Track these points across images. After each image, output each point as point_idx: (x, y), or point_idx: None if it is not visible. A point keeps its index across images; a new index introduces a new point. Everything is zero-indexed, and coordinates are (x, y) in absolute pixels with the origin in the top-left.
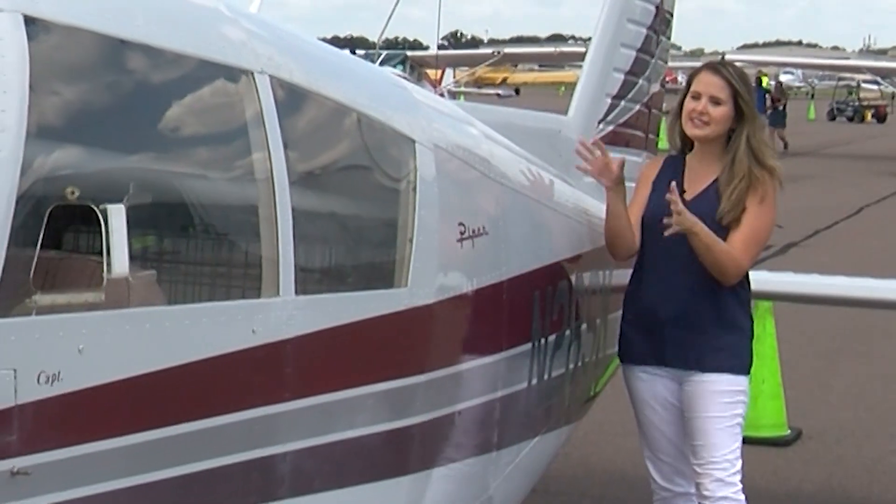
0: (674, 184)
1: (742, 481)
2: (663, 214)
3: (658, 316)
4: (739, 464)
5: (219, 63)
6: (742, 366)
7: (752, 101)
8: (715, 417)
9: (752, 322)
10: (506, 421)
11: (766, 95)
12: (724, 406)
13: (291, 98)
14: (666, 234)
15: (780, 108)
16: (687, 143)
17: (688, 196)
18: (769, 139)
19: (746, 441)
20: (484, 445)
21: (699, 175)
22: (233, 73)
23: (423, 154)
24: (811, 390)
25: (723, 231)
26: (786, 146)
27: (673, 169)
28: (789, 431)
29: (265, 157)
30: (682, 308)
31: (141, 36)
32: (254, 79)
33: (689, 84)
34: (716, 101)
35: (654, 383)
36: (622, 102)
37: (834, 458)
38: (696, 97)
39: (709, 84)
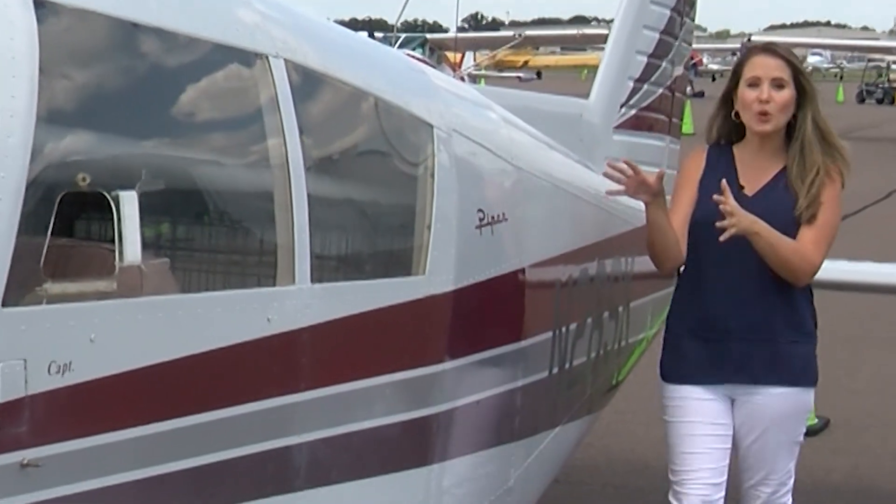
0: (724, 182)
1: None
2: (715, 216)
3: (722, 328)
4: (792, 481)
5: (233, 47)
6: (812, 378)
7: (810, 76)
8: (779, 436)
9: (817, 327)
10: (526, 411)
11: None
12: (790, 424)
13: (307, 82)
14: (722, 238)
15: None
16: (734, 132)
17: (748, 192)
18: None
19: None
20: (504, 435)
21: (758, 167)
22: (247, 57)
23: (441, 139)
24: (837, 378)
25: (794, 228)
26: None
27: (722, 163)
28: (817, 420)
29: (280, 143)
30: (751, 317)
31: (154, 19)
32: (268, 62)
33: (736, 73)
34: (779, 85)
35: (710, 403)
36: (645, 86)
37: (861, 447)
38: (755, 84)
39: (767, 66)
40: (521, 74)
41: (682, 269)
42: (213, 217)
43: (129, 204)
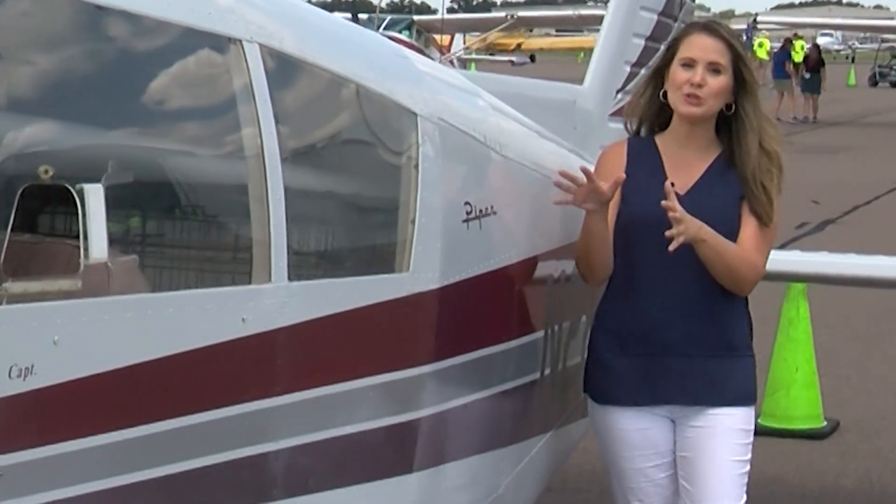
0: (668, 184)
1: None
2: (649, 217)
3: (656, 342)
4: None
5: (204, 31)
6: (753, 396)
7: (752, 66)
8: (726, 461)
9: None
10: (517, 414)
11: (787, 61)
12: (736, 448)
13: (283, 68)
14: (671, 248)
15: (814, 73)
16: (657, 119)
17: (679, 190)
18: (807, 108)
19: (779, 434)
20: (493, 441)
21: (686, 161)
22: (219, 42)
23: (426, 128)
24: (848, 378)
25: (730, 229)
26: (814, 118)
27: (645, 157)
28: (825, 423)
29: (255, 133)
30: (687, 329)
31: (119, 1)
32: (242, 48)
33: (671, 49)
34: (715, 69)
35: (648, 426)
36: (642, 70)
37: (873, 450)
38: (689, 65)
39: (704, 47)
40: (513, 58)
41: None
42: (185, 211)
43: (94, 197)
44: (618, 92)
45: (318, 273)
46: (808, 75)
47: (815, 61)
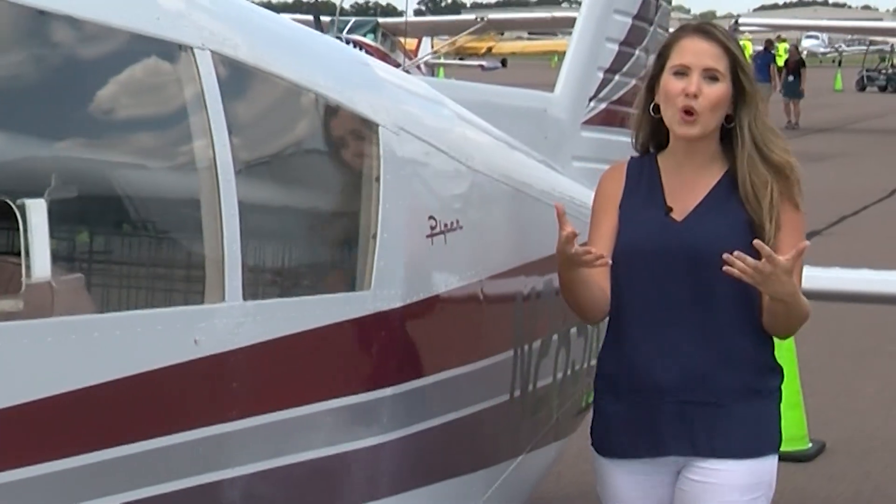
0: (758, 244)
1: None
2: (643, 246)
3: (649, 385)
4: None
5: (153, 37)
6: (772, 443)
7: (752, 72)
8: None
9: (782, 374)
10: (485, 438)
11: (772, 64)
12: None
13: (237, 77)
14: (725, 269)
15: (795, 76)
16: (655, 135)
17: (677, 216)
18: (788, 112)
19: None
20: (461, 466)
21: (686, 183)
22: (169, 49)
23: (387, 139)
24: (835, 397)
25: (729, 251)
26: (797, 123)
27: (645, 180)
28: (811, 445)
29: (207, 144)
30: (684, 371)
31: (63, 6)
32: (194, 55)
33: (662, 56)
34: (711, 76)
35: (646, 481)
36: (616, 77)
37: (862, 473)
38: (683, 73)
39: (699, 53)
40: (484, 63)
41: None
42: (133, 227)
43: (37, 213)
44: (590, 100)
45: (275, 292)
46: (790, 78)
47: (796, 63)
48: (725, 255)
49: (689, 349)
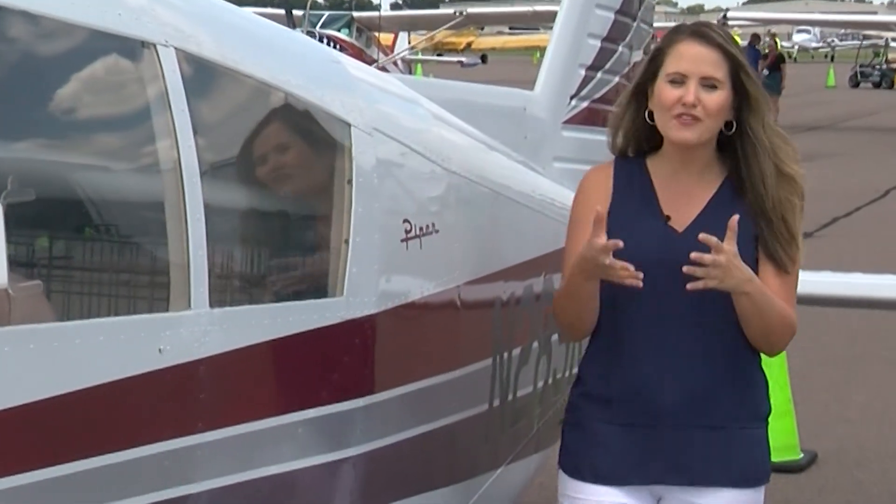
0: (734, 220)
1: None
2: (642, 258)
3: (648, 408)
4: None
5: (114, 34)
6: (767, 473)
7: (755, 75)
8: None
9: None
10: (463, 450)
11: (760, 60)
12: None
13: (202, 75)
14: (690, 287)
15: (773, 71)
16: (645, 139)
17: (678, 226)
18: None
19: None
20: (437, 479)
21: (684, 191)
22: (131, 46)
23: (360, 140)
24: (827, 405)
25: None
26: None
27: (636, 185)
28: (802, 455)
29: (171, 145)
30: (691, 394)
31: (18, 1)
32: (157, 52)
33: (655, 60)
34: (710, 84)
35: None
36: (599, 74)
37: (854, 484)
38: (679, 81)
39: (697, 59)
40: (463, 59)
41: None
42: (95, 232)
43: None
44: (572, 98)
45: (243, 298)
46: (766, 72)
47: (776, 57)
48: (686, 268)
49: (693, 370)
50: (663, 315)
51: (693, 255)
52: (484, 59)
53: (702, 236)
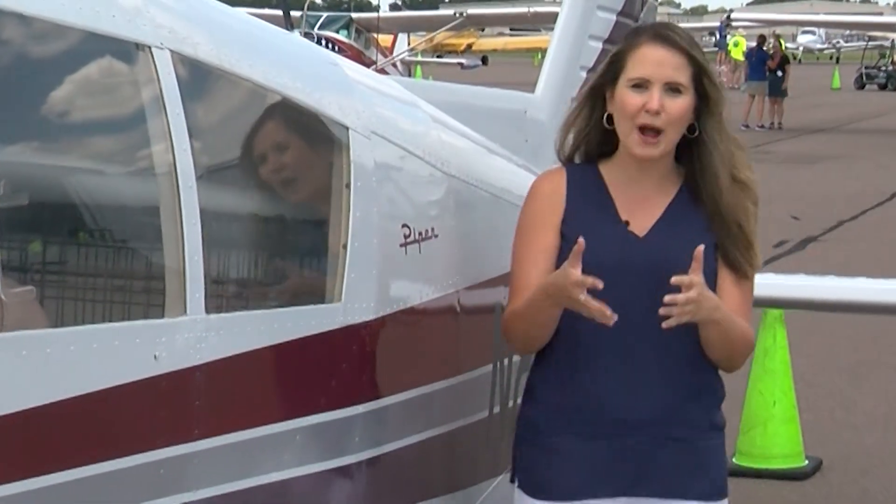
0: (699, 250)
1: None
2: (601, 267)
3: (618, 419)
4: None
5: (108, 36)
6: (726, 485)
7: (717, 78)
8: None
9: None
10: (463, 457)
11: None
12: None
13: (198, 78)
14: (665, 325)
15: (779, 71)
16: (596, 144)
17: (637, 231)
18: (772, 113)
19: (756, 474)
20: (437, 487)
21: (642, 195)
22: (126, 48)
23: (358, 143)
24: (832, 411)
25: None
26: (780, 124)
27: (591, 192)
28: (807, 462)
29: (166, 149)
30: (658, 404)
31: (9, 2)
32: (152, 55)
33: (616, 63)
34: (674, 89)
35: None
36: None
37: (860, 492)
38: (642, 86)
39: (660, 63)
40: (463, 60)
41: None
42: (89, 237)
43: None
44: (573, 100)
45: (239, 304)
46: (778, 73)
47: (781, 59)
48: (662, 310)
49: (658, 379)
50: (627, 323)
51: (667, 297)
52: (484, 60)
53: (675, 279)
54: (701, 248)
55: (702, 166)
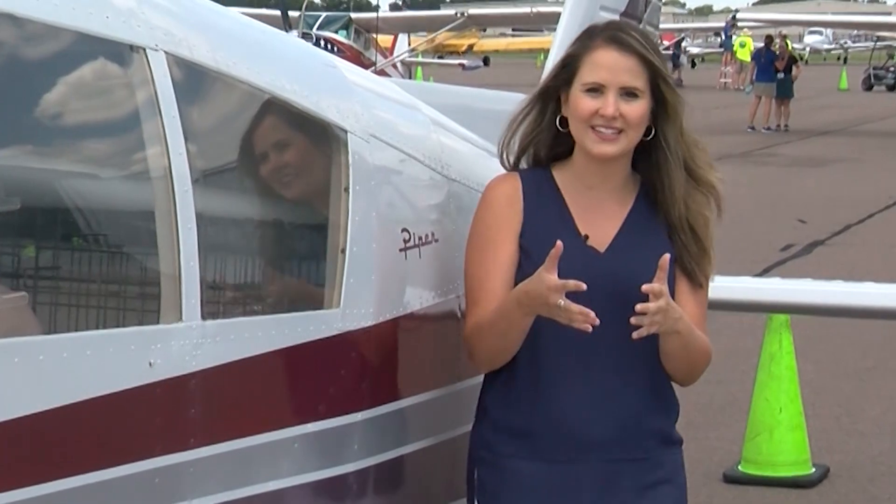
0: (665, 258)
1: None
2: (564, 277)
3: (581, 440)
4: None
5: (102, 37)
6: (687, 501)
7: (673, 81)
8: None
9: None
10: (464, 465)
11: (776, 62)
12: None
13: (193, 80)
14: (635, 335)
15: (786, 73)
16: (545, 153)
17: (598, 245)
18: (779, 114)
19: (761, 482)
20: (437, 496)
21: (598, 205)
22: (120, 50)
23: (357, 147)
24: (838, 418)
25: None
26: (787, 126)
27: (547, 199)
28: (813, 469)
29: (162, 152)
30: (615, 423)
31: (3, 2)
32: (146, 56)
33: (569, 66)
34: (630, 93)
35: None
36: None
37: (867, 499)
38: (597, 90)
39: (615, 67)
40: (464, 61)
41: None
42: (82, 242)
43: None
44: None
45: (236, 310)
46: (781, 76)
47: (788, 59)
48: (634, 319)
49: (619, 398)
50: (585, 340)
51: (638, 306)
52: (486, 61)
53: (645, 287)
54: (667, 256)
55: (659, 172)
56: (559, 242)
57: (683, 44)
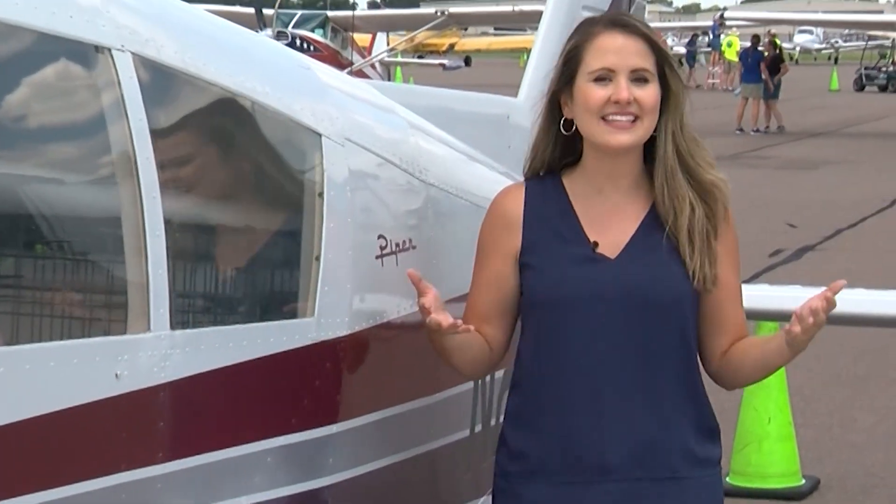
0: (840, 283)
1: None
2: (573, 294)
3: (598, 463)
4: None
5: (65, 37)
6: None
7: (678, 68)
8: None
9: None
10: (443, 478)
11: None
12: None
13: (161, 82)
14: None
15: (772, 74)
16: (557, 160)
17: (609, 253)
18: (769, 116)
19: (750, 494)
20: None
21: (610, 211)
22: (84, 51)
23: (331, 151)
24: (829, 428)
25: (685, 302)
26: (780, 126)
27: (553, 209)
28: (804, 481)
29: (128, 157)
30: (634, 445)
31: None
32: (112, 57)
33: (572, 59)
34: (641, 78)
35: None
36: None
37: None
38: (606, 78)
39: (622, 50)
40: (445, 61)
41: (516, 368)
42: (46, 249)
43: None
44: None
45: (206, 319)
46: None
47: (775, 59)
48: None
49: (637, 416)
50: (599, 356)
51: (805, 312)
52: (468, 61)
53: (827, 293)
54: (842, 282)
55: (656, 165)
56: (413, 272)
57: (669, 43)
